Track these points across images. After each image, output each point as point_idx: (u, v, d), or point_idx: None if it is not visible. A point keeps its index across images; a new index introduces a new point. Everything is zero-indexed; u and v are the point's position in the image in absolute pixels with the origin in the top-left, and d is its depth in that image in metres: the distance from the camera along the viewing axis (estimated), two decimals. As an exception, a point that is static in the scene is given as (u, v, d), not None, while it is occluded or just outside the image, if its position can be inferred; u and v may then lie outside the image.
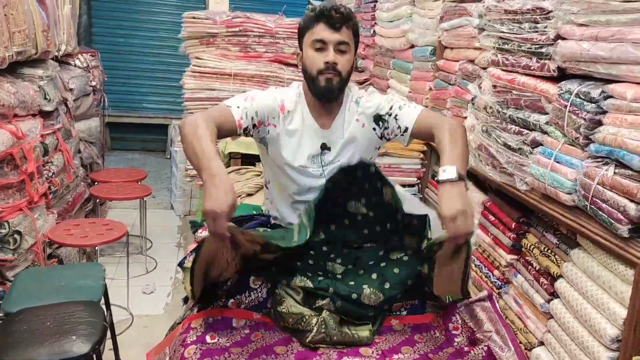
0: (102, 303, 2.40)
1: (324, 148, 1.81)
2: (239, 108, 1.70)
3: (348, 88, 1.85)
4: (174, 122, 6.26)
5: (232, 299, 1.60)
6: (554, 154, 1.87)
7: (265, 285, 1.62)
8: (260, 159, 1.99)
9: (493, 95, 2.26)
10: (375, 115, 1.82)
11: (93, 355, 1.94)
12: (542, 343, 1.99)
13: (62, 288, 2.39)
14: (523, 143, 2.04)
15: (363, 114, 1.83)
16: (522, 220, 2.22)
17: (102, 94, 5.09)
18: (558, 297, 1.92)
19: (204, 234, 2.38)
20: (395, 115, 1.79)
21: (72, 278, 2.49)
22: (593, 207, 1.68)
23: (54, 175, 3.34)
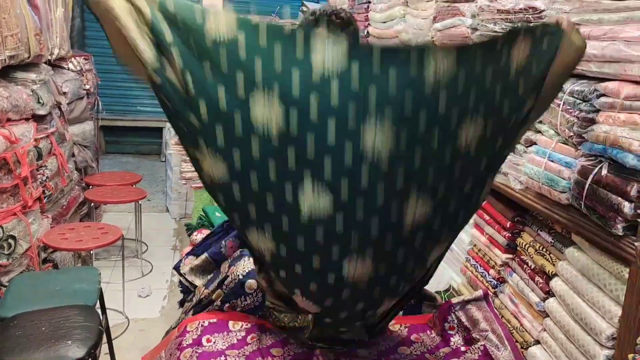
0: (97, 307, 2.39)
1: None
2: None
3: None
4: (168, 124, 6.23)
5: (227, 303, 1.59)
6: (548, 153, 1.88)
7: (261, 290, 1.62)
8: None
9: (487, 95, 2.26)
10: None
11: (89, 360, 1.93)
12: (538, 342, 2.00)
13: (57, 292, 2.37)
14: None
15: None
16: (517, 219, 2.22)
17: (95, 97, 5.07)
18: (553, 295, 1.92)
19: (200, 237, 2.38)
20: None
21: (67, 282, 2.48)
22: (587, 205, 1.68)
23: (48, 180, 3.33)
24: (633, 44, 1.53)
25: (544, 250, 2.01)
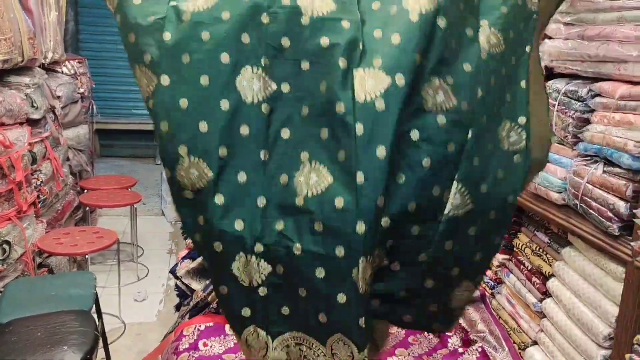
0: (93, 312, 2.38)
1: None
2: None
3: None
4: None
5: (224, 306, 1.59)
6: (544, 153, 1.88)
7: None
8: None
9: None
10: None
11: (85, 365, 1.92)
12: (535, 342, 2.00)
13: (52, 298, 2.36)
14: (512, 143, 2.05)
15: None
16: (513, 220, 2.22)
17: (90, 101, 5.05)
18: (550, 296, 1.92)
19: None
20: None
21: (62, 287, 2.47)
22: (583, 205, 1.68)
23: (43, 184, 3.31)
24: (627, 44, 1.54)
25: (541, 251, 2.01)
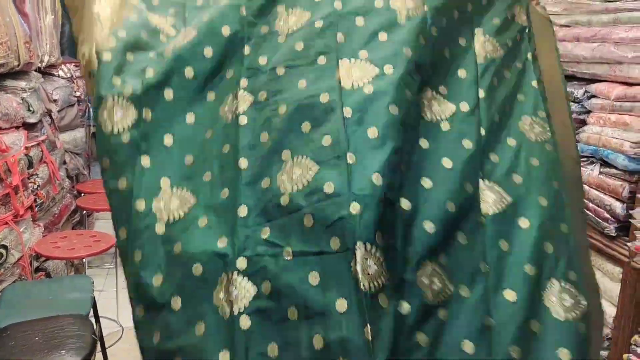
0: (91, 316, 2.37)
1: None
2: None
3: None
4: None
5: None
6: (540, 155, 1.88)
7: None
8: None
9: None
10: None
11: (83, 369, 1.92)
12: (533, 343, 2.00)
13: (50, 302, 2.36)
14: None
15: None
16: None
17: (86, 104, 5.04)
18: (548, 296, 1.92)
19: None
20: None
21: (60, 291, 2.46)
22: (580, 206, 1.69)
23: (40, 188, 3.31)
24: (622, 45, 1.54)
25: (538, 252, 2.01)
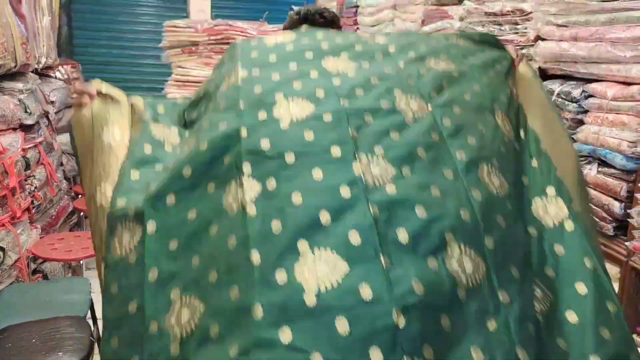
0: (88, 317, 2.36)
1: None
2: None
3: None
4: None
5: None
6: (538, 154, 1.88)
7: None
8: None
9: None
10: None
11: (80, 371, 1.91)
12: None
13: (47, 304, 2.35)
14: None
15: None
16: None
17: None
18: (546, 296, 1.92)
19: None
20: None
21: (57, 293, 2.46)
22: (578, 206, 1.69)
23: (37, 190, 3.30)
24: (619, 45, 1.54)
25: (536, 252, 2.01)
